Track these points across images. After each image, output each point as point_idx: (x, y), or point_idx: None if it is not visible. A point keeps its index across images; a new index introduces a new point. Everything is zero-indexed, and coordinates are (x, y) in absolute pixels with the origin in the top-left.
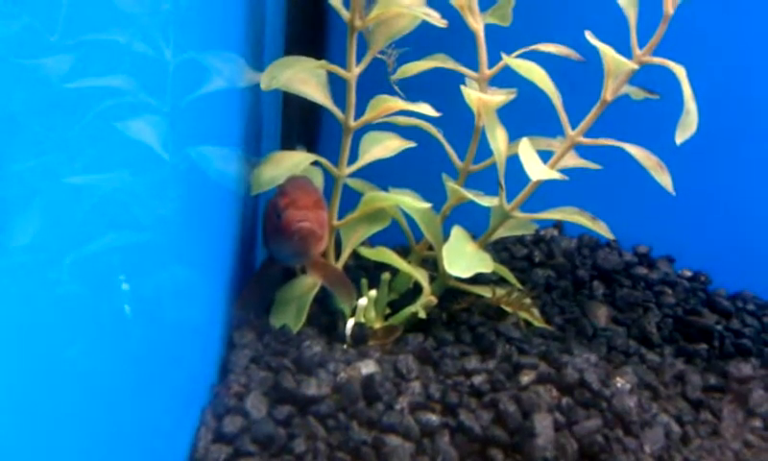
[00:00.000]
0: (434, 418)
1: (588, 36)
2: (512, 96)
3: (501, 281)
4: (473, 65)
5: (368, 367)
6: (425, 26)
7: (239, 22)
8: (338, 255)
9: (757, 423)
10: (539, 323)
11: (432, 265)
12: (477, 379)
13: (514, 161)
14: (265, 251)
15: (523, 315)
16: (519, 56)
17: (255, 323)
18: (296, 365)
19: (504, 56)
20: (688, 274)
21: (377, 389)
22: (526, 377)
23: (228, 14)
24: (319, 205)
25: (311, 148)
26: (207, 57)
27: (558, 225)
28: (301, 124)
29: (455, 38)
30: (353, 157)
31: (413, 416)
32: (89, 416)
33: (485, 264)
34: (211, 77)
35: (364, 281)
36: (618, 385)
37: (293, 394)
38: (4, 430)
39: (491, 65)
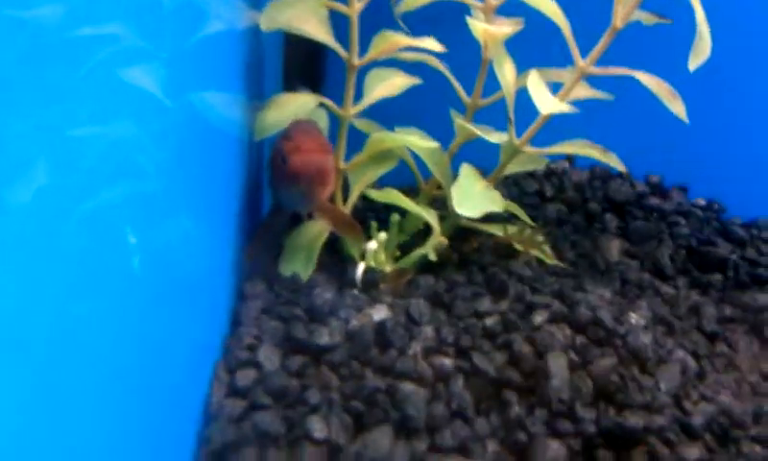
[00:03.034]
0: (447, 362)
1: None
2: (519, 27)
3: (512, 218)
4: None
5: (379, 313)
6: None
7: None
8: (346, 198)
9: None
10: (550, 260)
11: (442, 204)
12: (490, 321)
13: (523, 94)
14: (271, 197)
15: (535, 252)
16: None
17: (265, 272)
18: (307, 314)
19: None
20: (702, 202)
21: (390, 335)
22: (539, 317)
23: None
24: (324, 148)
25: (315, 89)
26: None
27: (569, 157)
28: (305, 64)
29: None
30: (358, 97)
31: (426, 361)
32: (99, 373)
33: (495, 203)
34: (210, 20)
35: (373, 224)
36: (633, 322)
37: (305, 344)
38: (13, 385)
39: None
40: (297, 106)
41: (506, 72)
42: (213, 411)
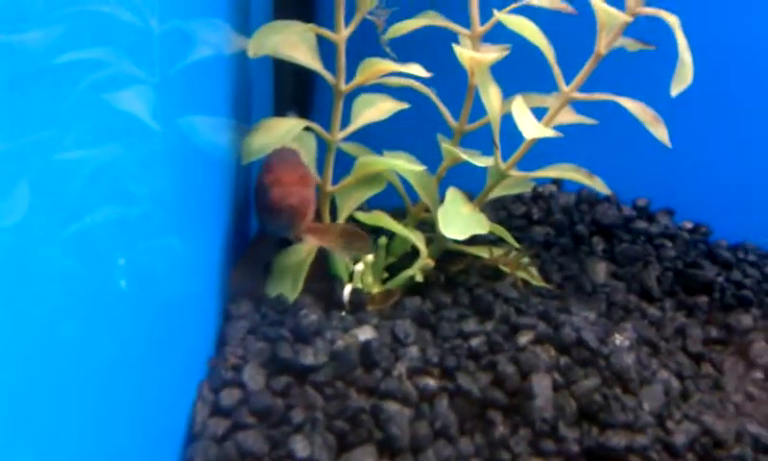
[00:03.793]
0: (432, 382)
1: None
2: (505, 53)
3: (499, 241)
4: (465, 22)
5: (365, 333)
6: None
7: None
8: (334, 221)
9: (759, 374)
10: (537, 281)
11: (430, 227)
12: (475, 342)
13: (509, 119)
14: (258, 221)
15: (521, 274)
16: (512, 11)
17: (252, 293)
18: (293, 334)
19: (496, 12)
20: (689, 226)
21: (375, 355)
22: (524, 338)
23: None
24: (305, 179)
25: (305, 113)
26: (194, 25)
27: (556, 181)
28: (294, 90)
29: None
30: (346, 121)
31: (411, 381)
32: (85, 392)
33: (481, 225)
34: (199, 45)
35: None
36: (617, 342)
37: (290, 364)
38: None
39: (483, 22)
40: (284, 130)
41: (492, 98)
42: (197, 431)
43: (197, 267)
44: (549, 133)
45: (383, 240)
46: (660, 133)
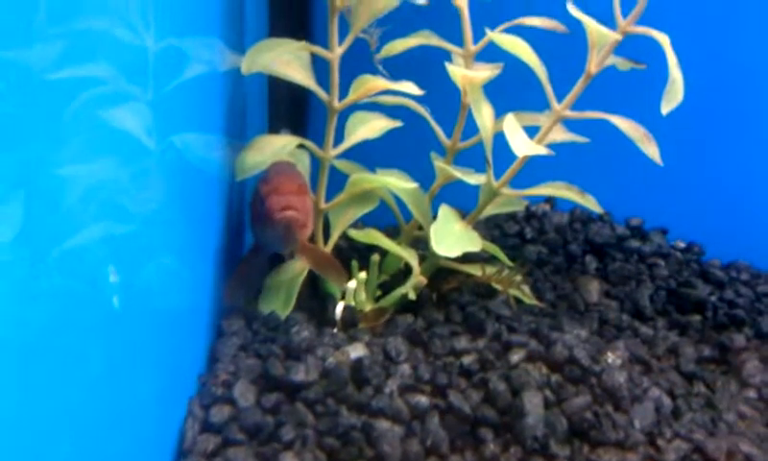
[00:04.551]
0: (423, 400)
1: (571, 8)
2: (497, 72)
3: (492, 259)
4: (458, 41)
5: (357, 351)
6: (408, 3)
7: (220, 7)
8: (327, 238)
9: (751, 393)
10: (529, 300)
11: (423, 245)
12: (467, 359)
13: (502, 137)
14: (252, 237)
15: (514, 292)
16: (504, 30)
17: (244, 310)
18: (284, 351)
19: (488, 31)
20: (682, 245)
21: (366, 373)
22: (516, 356)
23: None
24: (302, 190)
25: (299, 131)
26: (189, 43)
27: (550, 200)
28: (289, 107)
29: (440, 14)
30: (340, 139)
31: (402, 398)
32: (77, 408)
33: (473, 243)
34: (193, 63)
35: (354, 263)
36: (609, 361)
37: (281, 381)
38: None
39: (476, 41)
40: (277, 147)
41: (484, 116)
42: (187, 447)
43: (190, 284)
44: (541, 150)
45: (376, 258)
46: (652, 151)
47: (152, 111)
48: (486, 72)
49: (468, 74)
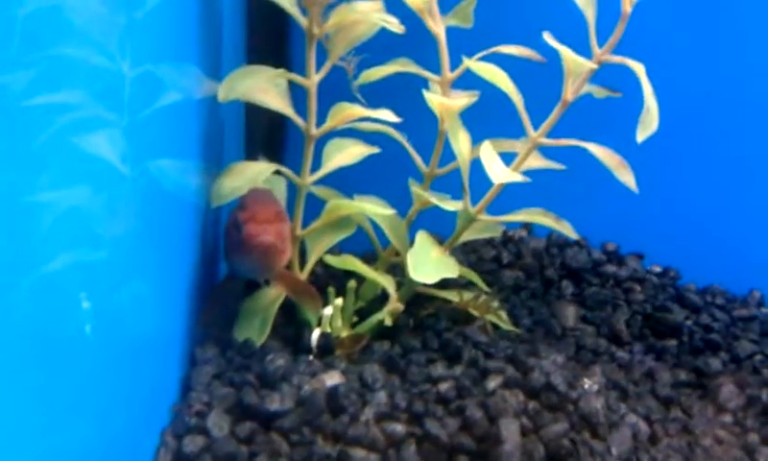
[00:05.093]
0: (400, 428)
1: (547, 37)
2: (474, 99)
3: (469, 285)
4: (436, 69)
5: (332, 378)
6: (385, 31)
7: (197, 34)
8: (303, 264)
9: (728, 417)
10: (506, 325)
11: (400, 271)
12: (443, 386)
13: (479, 164)
14: (227, 265)
15: (491, 318)
16: (481, 58)
17: (218, 338)
18: (259, 380)
19: (465, 59)
20: (657, 270)
21: (342, 401)
22: (493, 383)
23: (186, 26)
24: (280, 217)
25: (276, 157)
26: (165, 69)
27: (527, 225)
28: (266, 134)
29: (417, 42)
30: (317, 165)
31: (378, 427)
32: (46, 438)
33: (450, 269)
34: (169, 90)
35: (331, 290)
36: (586, 387)
37: (256, 410)
38: None
39: (453, 68)
40: (253, 173)
41: (461, 143)
42: None
43: (163, 311)
44: (517, 177)
45: (352, 284)
46: (627, 178)
47: (126, 138)
48: (463, 99)
49: (444, 101)
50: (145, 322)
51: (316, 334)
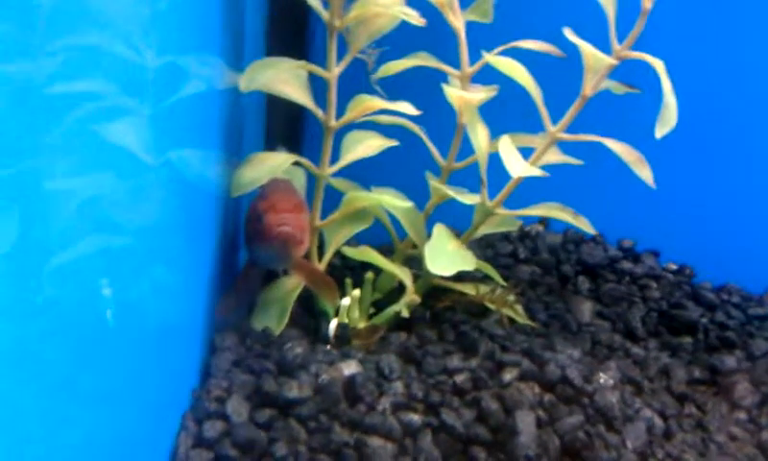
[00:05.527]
0: (416, 418)
1: (567, 32)
2: (493, 93)
3: (486, 279)
4: (455, 63)
5: (350, 368)
6: (406, 25)
7: (219, 25)
8: (321, 255)
9: (742, 415)
10: (522, 319)
11: (417, 263)
12: (460, 378)
13: (497, 158)
14: (247, 253)
15: (507, 312)
16: (501, 53)
17: (238, 326)
18: (278, 368)
19: (485, 53)
20: (673, 267)
21: (359, 390)
22: (509, 375)
23: (209, 17)
24: (299, 208)
25: (295, 148)
26: (188, 59)
27: (543, 220)
28: (286, 125)
29: (437, 36)
30: (336, 157)
31: (395, 416)
32: (69, 422)
33: (467, 262)
34: (192, 79)
35: (348, 281)
36: (601, 381)
37: (274, 397)
38: None
39: (472, 63)
40: (273, 164)
41: (479, 137)
42: None
43: (184, 299)
44: (535, 172)
45: (370, 276)
46: (645, 174)
47: (150, 127)
48: (482, 94)
49: (464, 95)
50: (166, 308)
51: (333, 325)
